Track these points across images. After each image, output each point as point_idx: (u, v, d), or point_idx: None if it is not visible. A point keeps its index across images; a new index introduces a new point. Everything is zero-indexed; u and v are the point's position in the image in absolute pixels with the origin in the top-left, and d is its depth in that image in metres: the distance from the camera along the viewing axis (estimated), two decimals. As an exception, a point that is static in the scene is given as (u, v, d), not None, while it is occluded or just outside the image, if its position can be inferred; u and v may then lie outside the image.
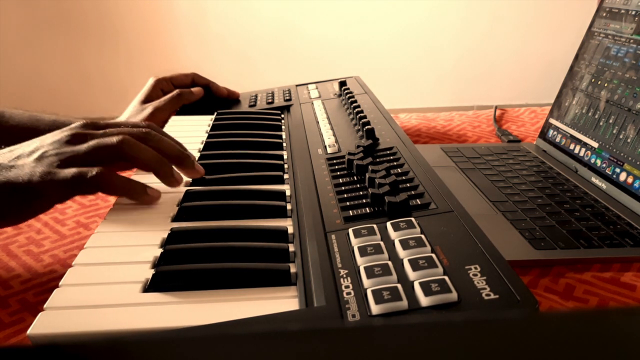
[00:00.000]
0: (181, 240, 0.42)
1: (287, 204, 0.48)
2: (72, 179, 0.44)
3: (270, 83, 1.25)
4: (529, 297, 0.30)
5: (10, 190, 0.44)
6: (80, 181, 0.45)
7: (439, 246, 0.36)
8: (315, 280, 0.35)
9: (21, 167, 0.46)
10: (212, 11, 2.83)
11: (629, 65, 0.66)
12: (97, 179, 0.45)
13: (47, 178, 0.44)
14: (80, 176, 0.45)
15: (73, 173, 0.45)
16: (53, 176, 0.45)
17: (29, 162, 0.46)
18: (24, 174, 0.45)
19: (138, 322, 0.33)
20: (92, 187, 0.46)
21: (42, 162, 0.46)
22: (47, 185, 0.44)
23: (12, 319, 0.42)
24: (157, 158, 0.49)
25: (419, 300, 0.31)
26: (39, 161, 0.46)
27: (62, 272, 0.38)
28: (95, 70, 2.89)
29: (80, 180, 0.45)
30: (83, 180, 0.45)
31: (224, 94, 0.84)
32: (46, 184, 0.44)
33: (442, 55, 2.96)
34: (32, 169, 0.45)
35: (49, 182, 0.44)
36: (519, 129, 0.92)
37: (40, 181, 0.44)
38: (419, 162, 0.50)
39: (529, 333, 0.17)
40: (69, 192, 0.45)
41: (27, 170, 0.45)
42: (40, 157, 0.46)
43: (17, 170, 0.45)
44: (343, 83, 0.81)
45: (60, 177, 0.45)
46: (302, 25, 2.88)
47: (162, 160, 0.50)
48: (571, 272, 0.48)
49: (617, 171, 0.62)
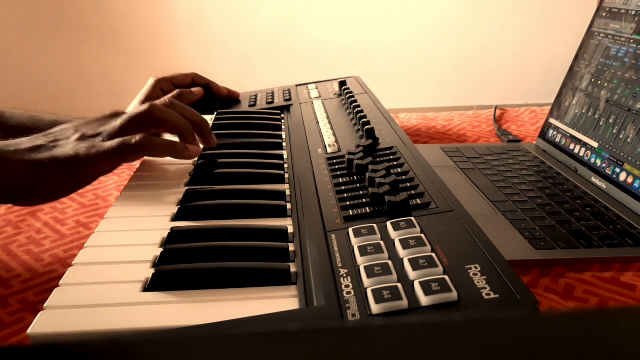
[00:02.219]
0: (181, 239, 0.42)
1: (287, 204, 0.48)
2: (119, 147, 0.48)
3: (270, 83, 1.25)
4: (529, 297, 0.30)
5: (57, 164, 0.47)
6: (127, 147, 0.49)
7: (439, 246, 0.36)
8: (315, 280, 0.35)
9: (64, 146, 0.48)
10: (212, 11, 2.83)
11: (629, 65, 0.66)
12: (143, 142, 0.49)
13: (92, 151, 0.48)
14: (125, 143, 0.49)
15: (118, 142, 0.49)
16: (99, 148, 0.48)
17: (71, 141, 0.49)
18: (69, 149, 0.48)
19: (138, 321, 0.33)
20: (139, 150, 0.49)
21: (85, 140, 0.49)
22: (94, 156, 0.48)
23: (12, 318, 0.42)
24: (183, 121, 0.54)
25: (419, 300, 0.31)
26: (81, 141, 0.49)
27: (62, 272, 0.38)
28: (95, 70, 2.89)
29: (127, 147, 0.49)
30: (129, 146, 0.49)
31: (224, 94, 0.84)
32: (93, 155, 0.48)
33: (442, 55, 2.96)
34: (75, 144, 0.48)
35: (95, 154, 0.48)
36: (519, 129, 0.92)
37: (87, 153, 0.47)
38: (419, 162, 0.50)
39: (529, 333, 0.17)
40: (116, 159, 0.49)
41: (70, 146, 0.48)
42: (80, 138, 0.50)
43: (60, 148, 0.48)
44: (343, 83, 0.81)
45: (107, 146, 0.48)
46: (302, 26, 2.88)
47: (187, 124, 0.55)
48: (571, 272, 0.48)
49: (617, 171, 0.62)
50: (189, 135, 0.55)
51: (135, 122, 0.51)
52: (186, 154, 0.53)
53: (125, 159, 0.50)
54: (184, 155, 0.53)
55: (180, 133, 0.55)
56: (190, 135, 0.55)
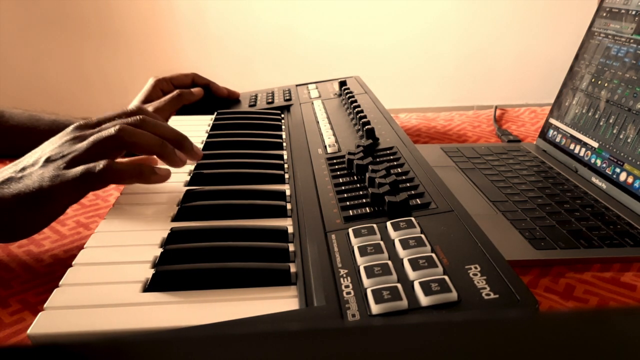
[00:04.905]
0: (181, 240, 0.42)
1: (287, 204, 0.48)
2: (82, 176, 0.45)
3: (270, 84, 1.25)
4: (529, 297, 0.30)
5: (22, 201, 0.44)
6: (90, 176, 0.45)
7: (439, 246, 0.36)
8: (315, 280, 0.35)
9: (29, 176, 0.46)
10: (212, 11, 2.83)
11: (629, 65, 0.66)
12: (106, 170, 0.45)
13: (56, 181, 0.45)
14: (88, 172, 0.45)
15: (81, 170, 0.45)
16: (62, 177, 0.45)
17: (36, 169, 0.46)
18: (33, 182, 0.45)
19: (138, 322, 0.33)
20: (103, 180, 0.46)
21: (48, 166, 0.46)
22: (58, 187, 0.45)
23: (12, 318, 0.42)
24: (157, 140, 0.50)
25: (419, 300, 0.31)
26: (45, 167, 0.46)
27: (62, 272, 0.38)
28: (95, 70, 2.89)
29: (90, 175, 0.45)
30: (92, 174, 0.45)
31: (224, 94, 0.84)
32: (56, 186, 0.44)
33: (442, 55, 2.96)
34: (40, 175, 0.45)
35: (59, 184, 0.45)
36: (519, 129, 0.92)
37: (50, 185, 0.44)
38: (419, 162, 0.50)
39: (529, 333, 0.17)
40: (81, 190, 0.46)
41: (35, 177, 0.45)
42: (45, 163, 0.47)
43: (25, 179, 0.46)
44: (343, 83, 0.81)
45: (70, 176, 0.45)
46: (302, 26, 2.88)
47: (163, 142, 0.50)
48: (571, 272, 0.48)
49: (617, 171, 0.62)
50: (167, 155, 0.51)
51: (104, 145, 0.47)
52: (154, 179, 0.49)
53: (91, 188, 0.46)
54: (151, 180, 0.49)
55: (157, 154, 0.51)
56: (167, 154, 0.51)
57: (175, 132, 0.53)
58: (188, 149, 0.53)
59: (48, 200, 0.44)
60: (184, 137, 0.53)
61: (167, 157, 0.51)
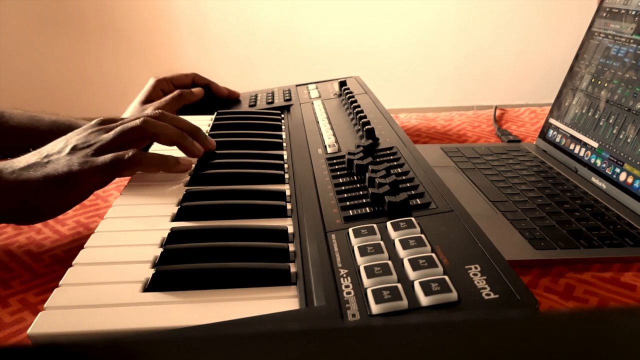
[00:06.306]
0: (181, 239, 0.42)
1: (287, 204, 0.48)
2: (112, 162, 0.48)
3: (270, 84, 1.25)
4: (529, 297, 0.30)
5: (49, 183, 0.47)
6: (119, 163, 0.48)
7: (439, 246, 0.36)
8: (315, 280, 0.35)
9: (56, 161, 0.48)
10: (212, 11, 2.83)
11: (629, 65, 0.66)
12: (135, 158, 0.49)
13: (85, 166, 0.48)
14: (118, 159, 0.48)
15: (111, 157, 0.48)
16: (92, 163, 0.48)
17: (63, 156, 0.49)
18: (62, 166, 0.48)
19: (138, 321, 0.33)
20: (132, 167, 0.49)
21: (76, 153, 0.49)
22: (87, 171, 0.47)
23: (12, 318, 0.42)
24: (178, 131, 0.54)
25: (419, 300, 0.31)
26: (72, 154, 0.49)
27: (62, 272, 0.38)
28: (95, 70, 2.89)
29: (120, 162, 0.48)
30: (122, 161, 0.48)
31: (224, 94, 0.84)
32: (86, 170, 0.47)
33: (442, 55, 2.96)
34: (68, 160, 0.48)
35: (89, 169, 0.47)
36: (519, 129, 0.92)
37: (79, 169, 0.47)
38: (419, 162, 0.50)
39: (529, 333, 0.17)
40: (109, 175, 0.49)
41: (63, 162, 0.48)
42: (72, 150, 0.49)
43: (53, 164, 0.48)
44: (343, 83, 0.81)
45: (99, 162, 0.48)
46: (302, 26, 2.88)
47: (182, 133, 0.55)
48: (571, 272, 0.48)
49: (617, 171, 0.62)
50: (187, 145, 0.55)
51: (128, 135, 0.51)
52: (178, 168, 0.53)
53: (118, 174, 0.50)
54: (176, 169, 0.53)
55: (178, 144, 0.55)
56: (188, 144, 0.55)
57: (191, 125, 0.57)
58: (202, 139, 0.57)
59: (77, 183, 0.47)
60: (198, 128, 0.58)
61: (188, 147, 0.55)
